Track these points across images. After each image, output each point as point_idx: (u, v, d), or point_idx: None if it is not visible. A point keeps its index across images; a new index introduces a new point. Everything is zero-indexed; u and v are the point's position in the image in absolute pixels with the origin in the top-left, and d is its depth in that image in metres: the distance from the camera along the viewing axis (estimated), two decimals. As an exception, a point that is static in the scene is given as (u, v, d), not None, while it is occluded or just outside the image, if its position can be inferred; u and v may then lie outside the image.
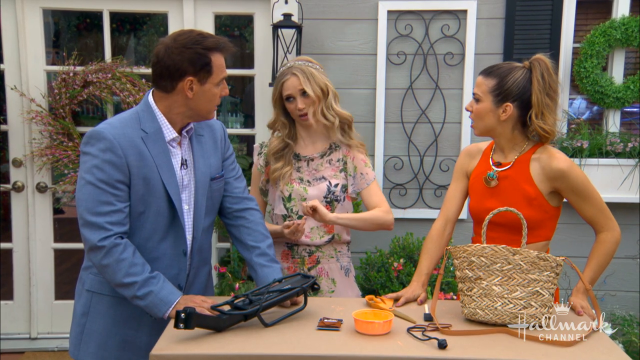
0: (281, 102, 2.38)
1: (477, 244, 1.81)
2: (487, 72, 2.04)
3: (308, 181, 2.39)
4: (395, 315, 1.84)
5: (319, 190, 2.36)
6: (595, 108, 3.76)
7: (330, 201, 2.37)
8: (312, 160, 2.41)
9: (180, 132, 1.99)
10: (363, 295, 2.44)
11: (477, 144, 2.24)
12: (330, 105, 2.35)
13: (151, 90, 1.98)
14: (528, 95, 1.98)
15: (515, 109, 2.00)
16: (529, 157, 2.04)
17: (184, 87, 1.89)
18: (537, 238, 2.05)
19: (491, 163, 2.12)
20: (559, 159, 2.01)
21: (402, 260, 3.17)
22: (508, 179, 2.05)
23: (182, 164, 1.99)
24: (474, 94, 2.06)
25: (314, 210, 2.20)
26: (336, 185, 2.38)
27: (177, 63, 1.86)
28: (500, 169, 2.08)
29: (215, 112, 2.03)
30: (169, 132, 1.95)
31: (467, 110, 2.09)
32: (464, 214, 3.31)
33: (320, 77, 2.34)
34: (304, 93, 2.31)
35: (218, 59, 1.92)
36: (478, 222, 2.13)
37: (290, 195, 2.37)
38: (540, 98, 1.96)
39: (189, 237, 2.02)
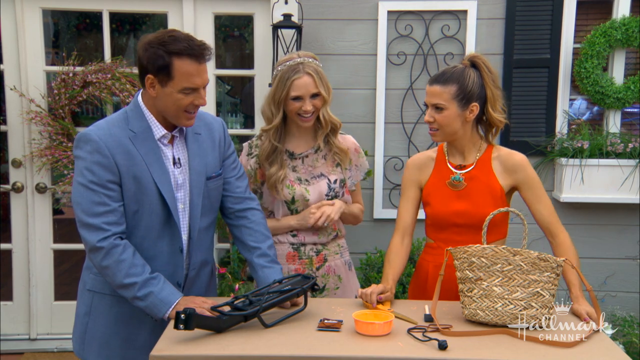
0: (285, 101, 2.25)
1: (478, 245, 1.81)
2: (443, 80, 2.06)
3: (307, 180, 2.34)
4: (396, 316, 1.84)
5: (320, 189, 2.33)
6: (595, 108, 3.76)
7: (332, 198, 2.34)
8: (307, 157, 2.35)
9: (171, 130, 1.98)
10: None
11: (424, 153, 2.28)
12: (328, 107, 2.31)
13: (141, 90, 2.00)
14: (484, 91, 2.07)
15: (479, 107, 2.07)
16: (490, 156, 2.13)
17: (146, 84, 1.89)
18: (498, 236, 2.12)
19: (451, 167, 2.15)
20: (518, 154, 2.13)
21: (402, 261, 3.16)
22: (474, 179, 2.11)
23: (174, 163, 1.99)
24: (434, 104, 2.06)
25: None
26: (335, 182, 2.35)
27: (141, 59, 1.87)
28: (463, 171, 2.12)
29: (188, 120, 1.93)
30: (158, 130, 1.95)
31: (428, 121, 2.09)
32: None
33: (325, 77, 2.28)
34: (314, 95, 2.23)
35: (185, 66, 1.83)
36: (440, 227, 2.16)
37: (293, 197, 2.32)
38: (494, 91, 2.07)
39: (184, 237, 2.02)
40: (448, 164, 2.16)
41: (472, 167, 2.13)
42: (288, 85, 2.22)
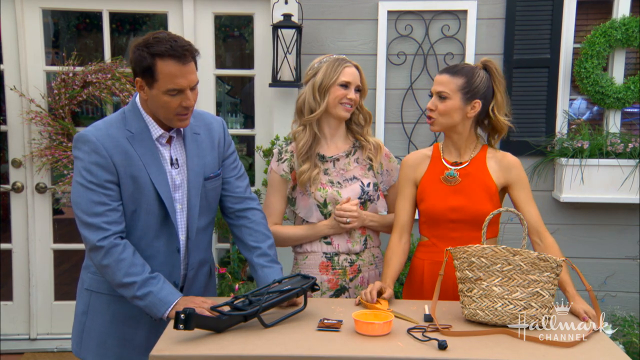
0: (331, 89, 2.27)
1: (477, 245, 1.81)
2: (453, 72, 2.12)
3: (339, 183, 2.31)
4: (395, 316, 1.84)
5: (353, 191, 2.30)
6: (595, 108, 3.75)
7: (364, 202, 2.31)
8: (338, 160, 2.33)
9: (168, 130, 1.98)
10: None
11: (419, 151, 2.31)
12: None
13: None
14: (490, 93, 2.12)
15: (481, 106, 2.10)
16: (484, 155, 2.17)
17: (137, 86, 1.90)
18: (490, 234, 2.12)
19: (446, 164, 2.17)
20: (512, 155, 2.19)
21: (402, 261, 3.16)
22: (470, 176, 2.13)
23: (172, 163, 1.99)
24: (439, 92, 2.11)
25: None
26: (369, 185, 2.32)
27: (131, 61, 1.89)
28: (458, 167, 2.15)
29: (181, 121, 1.92)
30: (155, 130, 1.96)
31: (430, 109, 2.14)
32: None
33: None
34: (357, 88, 2.32)
35: (168, 67, 1.82)
36: (435, 223, 2.17)
37: (325, 200, 2.28)
38: (504, 95, 2.13)
39: (182, 237, 2.02)
40: (443, 160, 2.19)
41: (467, 164, 2.15)
42: (339, 71, 2.28)
